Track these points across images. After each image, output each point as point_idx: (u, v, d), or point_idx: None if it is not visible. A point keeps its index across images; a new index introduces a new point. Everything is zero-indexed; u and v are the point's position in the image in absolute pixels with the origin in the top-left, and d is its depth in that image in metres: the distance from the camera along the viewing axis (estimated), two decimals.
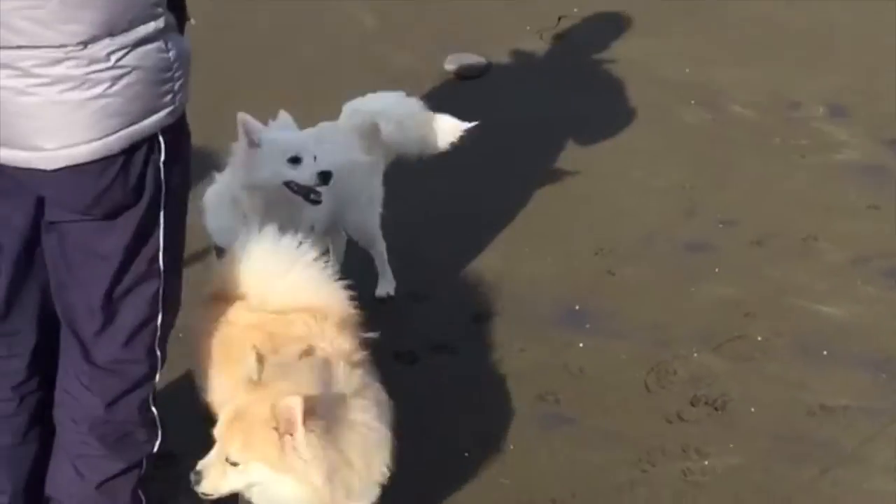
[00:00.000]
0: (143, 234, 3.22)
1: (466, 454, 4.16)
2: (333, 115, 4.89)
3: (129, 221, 3.18)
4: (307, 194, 4.32)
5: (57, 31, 2.92)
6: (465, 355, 4.65)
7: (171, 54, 3.08)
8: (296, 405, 3.11)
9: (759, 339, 4.74)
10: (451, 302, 4.93)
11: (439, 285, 5.01)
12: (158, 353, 3.38)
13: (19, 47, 2.93)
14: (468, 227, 5.35)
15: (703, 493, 4.03)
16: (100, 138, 3.04)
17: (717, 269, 5.14)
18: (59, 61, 2.96)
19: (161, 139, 3.12)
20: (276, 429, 3.15)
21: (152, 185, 3.15)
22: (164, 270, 3.28)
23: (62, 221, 3.22)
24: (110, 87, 3.00)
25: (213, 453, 3.29)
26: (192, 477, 3.29)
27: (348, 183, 4.70)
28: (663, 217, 5.49)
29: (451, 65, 6.71)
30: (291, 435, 3.15)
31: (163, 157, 3.13)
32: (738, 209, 5.53)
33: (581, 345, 4.71)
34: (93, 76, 2.98)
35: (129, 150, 3.08)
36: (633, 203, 5.58)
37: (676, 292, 5.01)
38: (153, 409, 3.42)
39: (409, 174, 5.66)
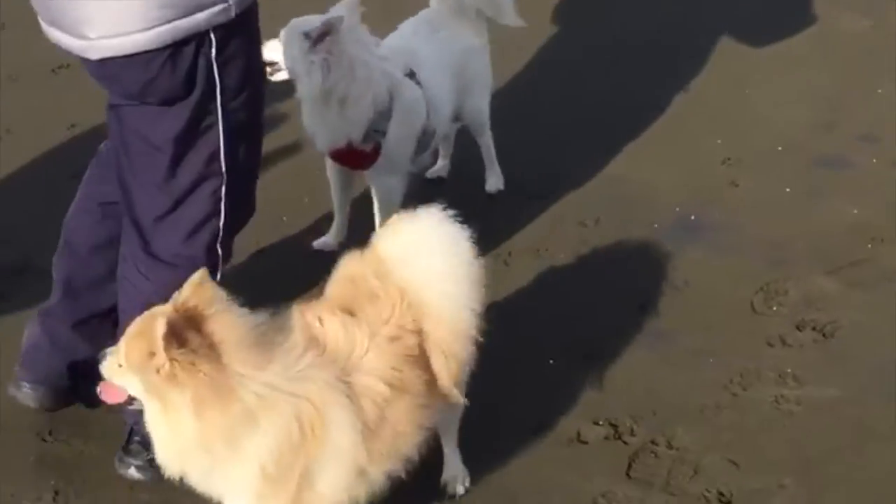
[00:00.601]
0: (198, 128, 3.17)
1: (551, 361, 4.03)
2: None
3: (182, 112, 3.14)
4: None
5: None
6: (566, 259, 4.47)
7: None
8: (159, 325, 2.77)
9: (883, 266, 4.43)
10: (562, 204, 4.75)
11: (554, 186, 4.83)
12: (220, 251, 3.36)
13: None
14: (592, 129, 5.15)
15: (793, 423, 3.80)
16: (143, 30, 3.00)
17: (848, 188, 4.81)
18: None
19: (213, 36, 3.06)
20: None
21: (203, 81, 3.10)
22: (228, 170, 3.24)
23: (120, 105, 3.21)
24: None
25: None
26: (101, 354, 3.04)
27: (467, 69, 4.57)
28: (799, 129, 5.17)
29: None
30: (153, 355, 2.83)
31: (214, 54, 3.07)
32: (881, 126, 5.16)
33: (691, 257, 4.49)
34: None
35: (177, 44, 3.02)
36: (770, 112, 5.28)
37: (801, 209, 4.72)
38: None
39: (534, 69, 5.51)
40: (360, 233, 4.44)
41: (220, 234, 3.34)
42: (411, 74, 4.37)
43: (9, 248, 4.27)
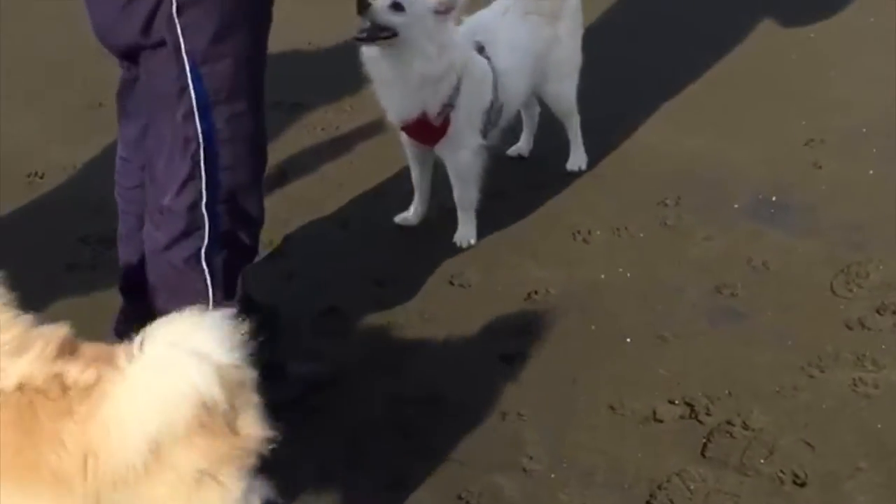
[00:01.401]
0: (177, 85, 3.22)
1: (628, 339, 4.05)
2: None
3: (160, 63, 3.21)
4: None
5: None
6: (645, 238, 4.48)
7: None
8: None
9: None
10: (637, 183, 4.76)
11: (630, 164, 4.85)
12: (205, 214, 3.36)
13: None
14: (671, 104, 5.15)
15: (870, 406, 3.78)
16: None
17: None
18: None
19: None
20: None
21: (167, 37, 3.16)
22: (204, 135, 3.27)
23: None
24: None
25: None
26: None
27: (550, 55, 4.59)
28: (887, 111, 5.12)
29: None
30: None
31: (174, 10, 3.12)
32: None
33: (771, 238, 4.48)
34: None
35: None
36: (857, 93, 5.23)
37: (884, 192, 4.68)
38: (202, 264, 3.42)
39: (615, 47, 5.51)
40: (441, 207, 4.55)
41: (205, 197, 3.35)
42: (480, 49, 4.41)
43: (100, 218, 4.39)
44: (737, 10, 5.81)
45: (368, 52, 4.27)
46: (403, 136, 4.45)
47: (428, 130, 4.35)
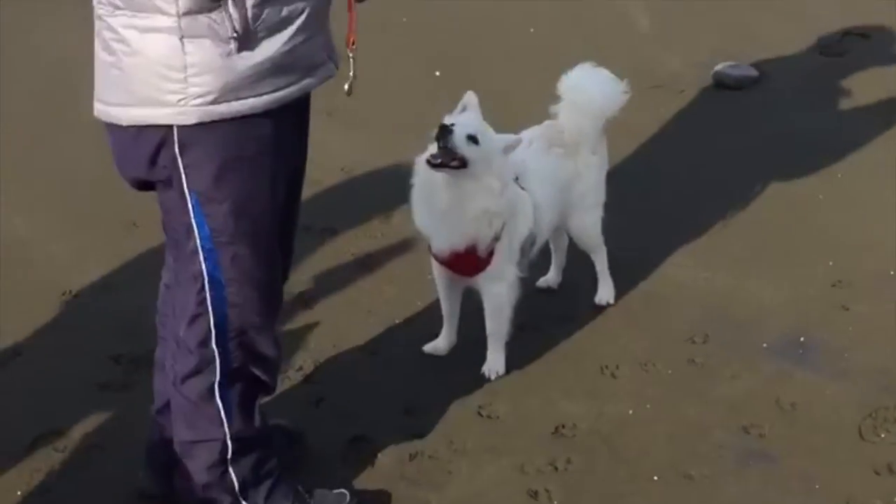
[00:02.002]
0: (182, 220, 3.29)
1: (655, 478, 4.03)
2: None
3: (168, 199, 3.31)
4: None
5: None
6: (672, 375, 4.48)
7: (189, 58, 3.09)
8: None
9: None
10: (665, 319, 4.77)
11: (657, 300, 4.88)
12: (216, 350, 3.39)
13: None
14: (699, 241, 5.18)
15: None
16: (112, 104, 3.21)
17: None
18: (99, 18, 3.17)
19: (176, 134, 3.17)
20: None
21: (173, 174, 3.23)
22: (209, 273, 3.31)
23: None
24: (120, 60, 3.14)
25: None
26: None
27: (575, 187, 4.66)
28: None
29: (720, 73, 6.54)
30: None
31: (177, 150, 3.19)
32: None
33: (799, 379, 4.48)
34: (112, 44, 3.15)
35: (139, 127, 3.18)
36: (884, 235, 5.26)
37: None
38: (216, 399, 3.45)
39: (640, 179, 5.57)
40: (469, 337, 4.57)
41: (214, 334, 3.38)
42: (515, 179, 4.47)
43: (133, 339, 4.42)
44: (765, 149, 5.88)
45: (426, 178, 4.32)
46: (436, 267, 4.49)
47: (472, 262, 4.39)
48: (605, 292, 4.87)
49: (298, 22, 3.21)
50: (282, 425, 3.91)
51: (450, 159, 4.20)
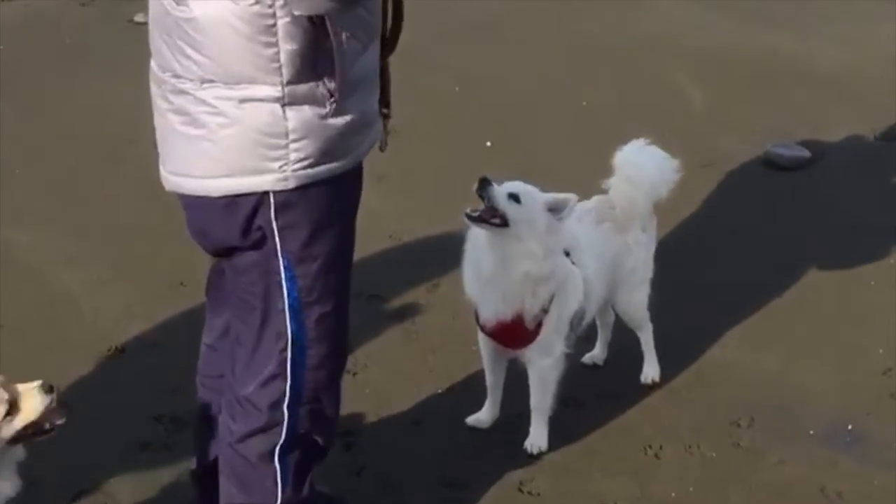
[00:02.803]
0: (270, 282, 3.30)
1: None
2: None
3: (255, 263, 3.30)
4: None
5: (181, 65, 3.11)
6: (717, 458, 4.44)
7: (290, 124, 3.12)
8: None
9: None
10: (711, 400, 4.73)
11: (704, 380, 4.83)
12: (286, 413, 3.41)
13: (161, 67, 3.17)
14: (747, 322, 5.14)
15: None
16: (199, 177, 3.20)
17: None
18: (181, 93, 3.14)
19: (272, 199, 3.19)
20: None
21: (266, 238, 3.25)
22: (294, 334, 3.34)
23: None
24: (213, 132, 3.13)
25: None
26: None
27: (624, 263, 4.64)
28: None
29: (772, 153, 6.52)
30: None
31: (273, 215, 3.21)
32: None
33: (845, 468, 4.42)
34: (202, 117, 3.13)
35: (235, 197, 3.19)
36: None
37: None
38: (275, 461, 3.46)
39: (689, 257, 5.54)
40: (512, 410, 4.54)
41: (288, 396, 3.40)
42: (566, 254, 4.46)
43: (176, 398, 4.43)
44: (816, 232, 5.84)
45: (476, 242, 4.34)
46: (483, 338, 4.48)
47: (519, 334, 4.37)
48: (650, 370, 4.83)
49: (371, 79, 3.31)
50: (324, 493, 3.90)
51: (490, 215, 4.20)
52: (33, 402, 3.32)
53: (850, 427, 4.62)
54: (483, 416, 4.57)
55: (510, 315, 4.31)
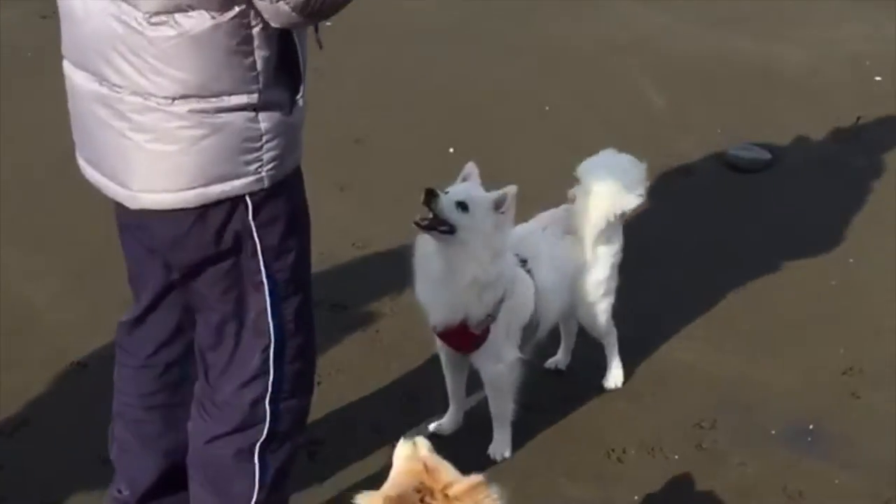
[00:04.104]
0: (247, 286, 3.32)
1: None
2: None
3: (229, 270, 3.31)
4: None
5: (149, 82, 3.08)
6: (680, 461, 4.46)
7: (263, 126, 3.16)
8: None
9: None
10: (673, 402, 4.76)
11: (667, 383, 4.86)
12: (268, 409, 3.45)
13: (119, 87, 3.11)
14: (709, 325, 5.17)
15: None
16: (175, 191, 3.17)
17: None
18: (149, 110, 3.11)
19: (249, 201, 3.22)
20: None
21: (243, 242, 3.26)
22: (275, 329, 3.38)
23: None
24: (189, 145, 3.12)
25: None
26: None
27: (587, 275, 4.64)
28: None
29: (732, 155, 6.56)
30: None
31: (251, 216, 3.24)
32: None
33: (807, 467, 4.45)
34: (175, 132, 3.11)
35: (207, 206, 3.19)
36: (895, 322, 5.25)
37: None
38: (255, 459, 3.48)
39: (650, 261, 5.57)
40: (476, 416, 4.55)
41: (270, 392, 3.43)
42: (522, 262, 4.46)
43: None
44: (776, 233, 5.88)
45: (424, 248, 4.35)
46: (439, 343, 4.49)
47: (466, 338, 4.38)
48: (614, 376, 4.84)
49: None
50: None
51: (438, 223, 4.22)
52: None
53: (811, 427, 4.65)
54: (445, 423, 4.58)
55: (457, 320, 4.32)
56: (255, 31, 3.06)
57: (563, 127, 6.80)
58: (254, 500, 3.50)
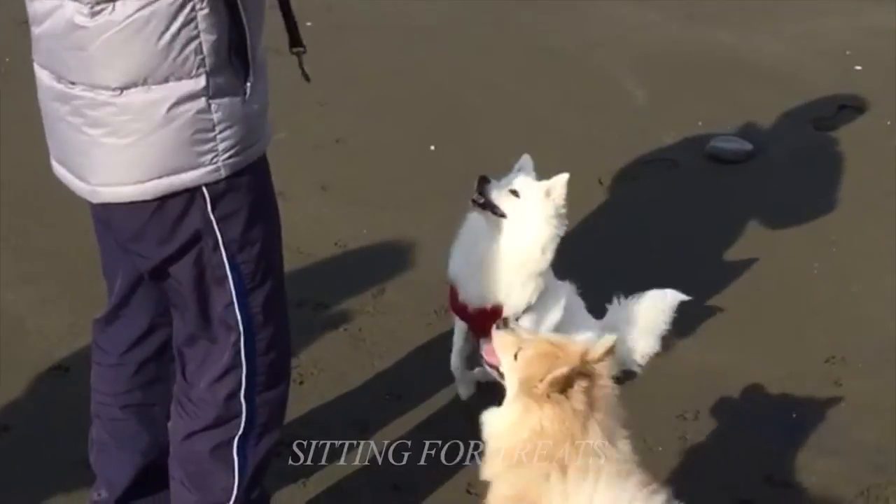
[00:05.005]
0: (212, 279, 3.31)
1: None
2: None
3: (193, 263, 3.30)
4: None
5: (96, 75, 3.09)
6: (663, 452, 4.46)
7: (216, 116, 3.14)
8: (562, 370, 3.28)
9: None
10: (656, 394, 4.75)
11: (648, 374, 4.86)
12: (244, 403, 3.44)
13: (72, 83, 3.13)
14: (692, 315, 5.17)
15: None
16: (132, 183, 3.17)
17: None
18: (100, 104, 3.12)
19: (206, 192, 3.21)
20: None
21: (204, 234, 3.25)
22: (244, 322, 3.37)
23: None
24: (143, 137, 3.12)
25: None
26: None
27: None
28: None
29: (715, 147, 6.57)
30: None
31: (209, 208, 3.22)
32: None
33: (790, 456, 4.45)
34: (127, 125, 3.12)
35: (165, 197, 3.19)
36: (878, 313, 5.26)
37: None
38: (233, 454, 3.48)
39: (633, 252, 5.57)
40: (459, 415, 4.56)
41: (244, 386, 3.43)
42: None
43: None
44: (759, 223, 5.88)
45: (474, 224, 4.41)
46: (458, 323, 4.55)
47: (492, 321, 4.38)
48: None
49: (264, 63, 3.31)
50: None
51: (492, 206, 4.30)
52: None
53: (794, 415, 4.66)
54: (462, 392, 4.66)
55: (492, 302, 4.35)
56: (201, 14, 3.05)
57: (545, 123, 6.80)
58: (234, 494, 3.50)
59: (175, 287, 3.39)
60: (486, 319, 4.36)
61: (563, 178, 4.32)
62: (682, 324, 5.14)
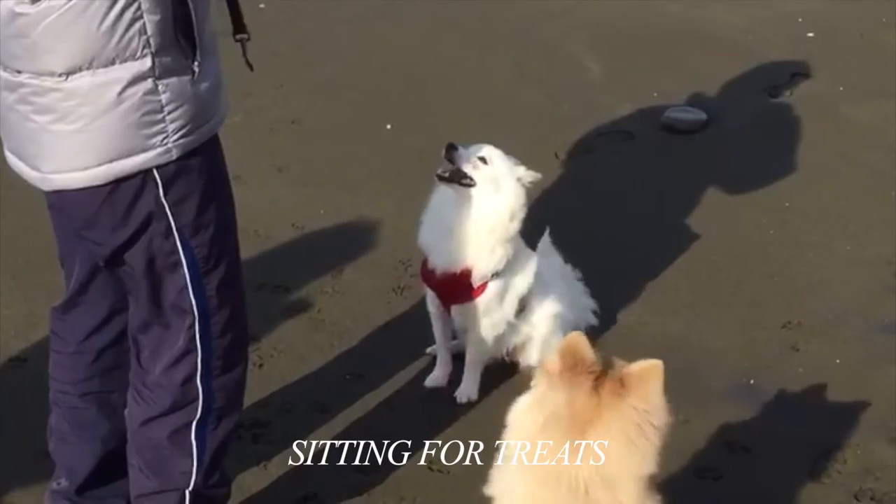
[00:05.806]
0: (164, 263, 3.30)
1: None
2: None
3: (146, 248, 3.28)
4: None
5: (41, 61, 3.07)
6: None
7: (164, 97, 3.13)
8: (586, 381, 3.18)
9: None
10: None
11: (606, 346, 4.84)
12: (199, 387, 3.44)
13: (18, 71, 3.11)
14: (649, 286, 5.20)
15: None
16: (82, 169, 3.16)
17: None
18: (46, 91, 3.10)
19: (157, 175, 3.19)
20: None
21: (156, 218, 3.23)
22: (199, 306, 3.36)
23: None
24: (91, 122, 3.11)
25: None
26: None
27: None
28: (863, 294, 5.18)
29: (670, 117, 6.59)
30: None
31: (161, 192, 3.21)
32: None
33: (749, 422, 4.49)
34: (75, 110, 3.10)
35: (117, 181, 3.17)
36: (833, 276, 5.30)
37: (863, 376, 4.70)
38: (191, 438, 3.47)
39: (589, 225, 5.59)
40: (420, 393, 4.56)
41: (200, 370, 3.42)
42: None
43: None
44: (714, 192, 5.91)
45: (440, 198, 4.45)
46: (429, 294, 4.59)
47: (462, 288, 4.46)
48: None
49: (214, 42, 3.29)
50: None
51: (459, 176, 4.34)
52: None
53: (752, 381, 4.69)
54: (438, 375, 4.66)
55: (461, 266, 4.39)
56: None
57: (500, 100, 6.81)
58: (193, 479, 3.50)
59: (129, 273, 3.38)
60: (454, 284, 4.43)
61: (536, 175, 4.43)
62: (637, 292, 5.18)
